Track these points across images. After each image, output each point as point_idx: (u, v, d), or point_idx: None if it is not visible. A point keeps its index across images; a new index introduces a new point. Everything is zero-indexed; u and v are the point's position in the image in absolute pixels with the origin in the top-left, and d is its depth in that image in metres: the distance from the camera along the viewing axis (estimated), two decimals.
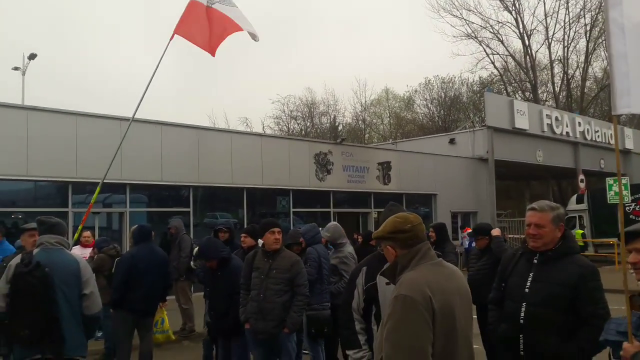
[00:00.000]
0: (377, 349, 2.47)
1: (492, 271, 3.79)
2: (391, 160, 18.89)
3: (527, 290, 3.09)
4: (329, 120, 40.73)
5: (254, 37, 7.83)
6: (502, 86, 36.51)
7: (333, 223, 6.62)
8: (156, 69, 7.48)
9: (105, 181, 12.21)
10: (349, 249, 6.46)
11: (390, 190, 18.58)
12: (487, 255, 5.83)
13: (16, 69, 25.67)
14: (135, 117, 7.91)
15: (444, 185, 20.12)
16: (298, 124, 40.30)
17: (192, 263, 8.84)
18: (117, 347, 6.57)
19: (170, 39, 7.46)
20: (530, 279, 3.11)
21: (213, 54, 7.70)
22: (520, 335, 3.05)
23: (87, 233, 9.02)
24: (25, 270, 3.80)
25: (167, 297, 7.20)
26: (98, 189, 7.54)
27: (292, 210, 15.92)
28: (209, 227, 13.81)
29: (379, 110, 43.85)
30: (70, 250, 7.39)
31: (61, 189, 11.94)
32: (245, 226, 10.68)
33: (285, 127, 39.65)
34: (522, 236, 19.73)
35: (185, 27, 7.57)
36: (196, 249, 8.99)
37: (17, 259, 3.94)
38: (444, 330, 2.26)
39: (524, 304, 3.07)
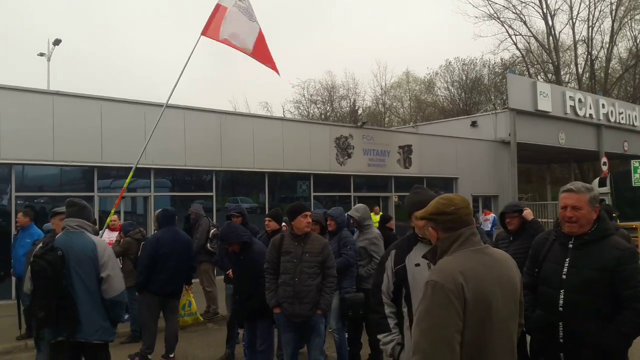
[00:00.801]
0: (410, 331, 2.45)
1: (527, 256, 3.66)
2: (412, 143, 18.75)
3: (564, 276, 3.01)
4: (348, 104, 40.62)
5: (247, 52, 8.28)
6: (525, 68, 35.86)
7: (362, 205, 6.63)
8: (186, 64, 7.77)
9: (132, 166, 12.45)
10: (376, 230, 6.50)
11: (411, 174, 18.47)
12: (520, 240, 5.36)
13: (41, 55, 26.01)
14: (159, 102, 8.07)
15: (465, 168, 19.94)
16: (318, 108, 40.28)
17: (208, 245, 8.92)
18: (143, 330, 6.71)
19: (198, 40, 7.85)
20: (566, 264, 3.02)
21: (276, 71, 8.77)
22: (560, 323, 2.98)
23: (115, 217, 9.17)
24: (38, 253, 3.86)
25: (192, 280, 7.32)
26: (131, 173, 7.74)
27: (312, 194, 15.94)
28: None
29: (399, 94, 43.53)
30: (102, 235, 7.60)
31: (87, 173, 12.11)
32: (268, 210, 10.74)
33: (305, 111, 39.68)
34: (551, 220, 19.52)
35: (215, 29, 7.97)
36: (212, 230, 9.10)
37: (41, 243, 4.08)
38: (477, 320, 2.19)
39: (562, 290, 2.99)
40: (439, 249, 2.40)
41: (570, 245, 3.08)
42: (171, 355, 6.59)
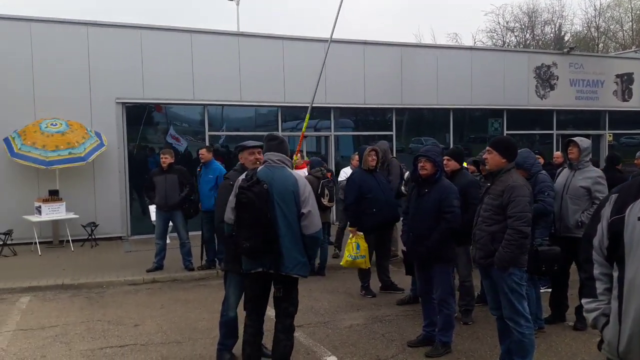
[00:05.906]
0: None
1: None
2: (634, 71, 15.74)
3: None
4: (553, 30, 35.93)
5: None
6: None
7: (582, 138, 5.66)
8: None
9: (313, 105, 12.51)
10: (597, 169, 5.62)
11: (630, 108, 15.68)
12: None
13: None
14: (338, 38, 7.57)
15: None
16: (515, 36, 36.32)
17: (402, 188, 8.30)
18: None
19: None
20: None
21: None
22: None
23: (298, 156, 9.44)
24: (245, 185, 3.89)
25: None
26: (308, 115, 7.56)
27: (505, 133, 14.29)
28: (414, 153, 13.23)
29: (617, 14, 36.91)
30: None
31: (272, 113, 12.48)
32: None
33: (500, 40, 36.11)
34: None
35: None
36: (407, 173, 8.41)
37: (243, 175, 4.09)
38: None
39: None
40: None
41: None
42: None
